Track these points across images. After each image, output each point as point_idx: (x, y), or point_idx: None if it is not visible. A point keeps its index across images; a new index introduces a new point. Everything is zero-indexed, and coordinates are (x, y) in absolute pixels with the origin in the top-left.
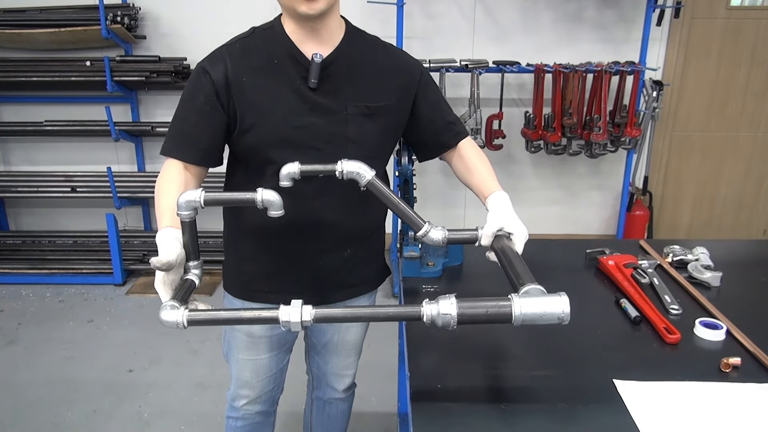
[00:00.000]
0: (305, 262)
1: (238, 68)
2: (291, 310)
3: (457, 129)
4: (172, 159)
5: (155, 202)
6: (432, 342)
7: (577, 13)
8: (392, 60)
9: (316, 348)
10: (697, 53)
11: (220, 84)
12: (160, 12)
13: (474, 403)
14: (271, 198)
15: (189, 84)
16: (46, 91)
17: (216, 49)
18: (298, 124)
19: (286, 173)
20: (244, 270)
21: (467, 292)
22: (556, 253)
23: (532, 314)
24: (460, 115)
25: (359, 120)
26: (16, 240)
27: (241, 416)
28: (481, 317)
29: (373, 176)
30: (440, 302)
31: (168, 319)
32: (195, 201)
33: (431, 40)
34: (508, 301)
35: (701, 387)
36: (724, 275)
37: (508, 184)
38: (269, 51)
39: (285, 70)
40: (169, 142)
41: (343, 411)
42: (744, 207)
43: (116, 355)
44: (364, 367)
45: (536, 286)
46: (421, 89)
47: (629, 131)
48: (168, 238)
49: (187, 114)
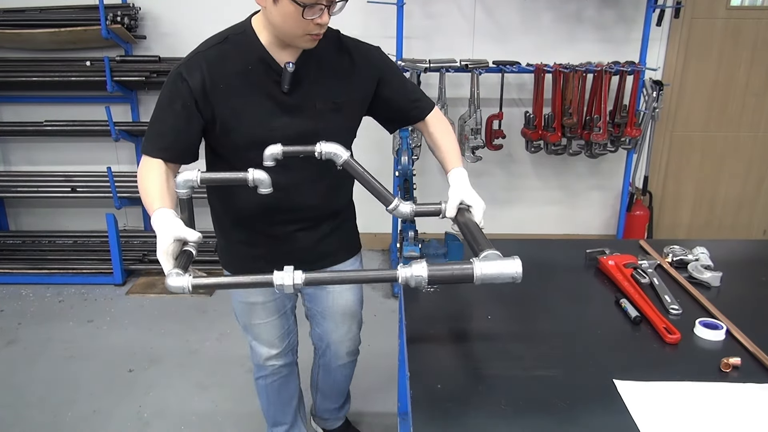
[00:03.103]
0: (289, 240)
1: (214, 75)
2: (284, 274)
3: (422, 105)
4: (148, 157)
5: (141, 193)
6: (432, 342)
7: (577, 13)
8: (352, 54)
9: (316, 319)
10: (697, 53)
11: (197, 91)
12: (160, 12)
13: (474, 403)
14: (261, 177)
15: (166, 88)
16: (46, 91)
17: (192, 55)
18: (273, 125)
19: (269, 154)
20: (236, 251)
21: (467, 292)
22: (556, 253)
23: (490, 274)
24: (460, 116)
25: (327, 115)
26: (16, 240)
27: (270, 373)
28: (448, 278)
29: (349, 156)
30: (413, 266)
31: (175, 284)
32: (192, 180)
33: (431, 40)
34: (470, 264)
35: (701, 387)
36: (724, 275)
37: (509, 184)
38: (243, 58)
39: (259, 75)
40: (148, 143)
41: (347, 375)
42: (744, 207)
43: (116, 355)
44: (364, 367)
45: (493, 251)
46: (383, 77)
47: (629, 131)
48: (167, 217)
49: (165, 116)
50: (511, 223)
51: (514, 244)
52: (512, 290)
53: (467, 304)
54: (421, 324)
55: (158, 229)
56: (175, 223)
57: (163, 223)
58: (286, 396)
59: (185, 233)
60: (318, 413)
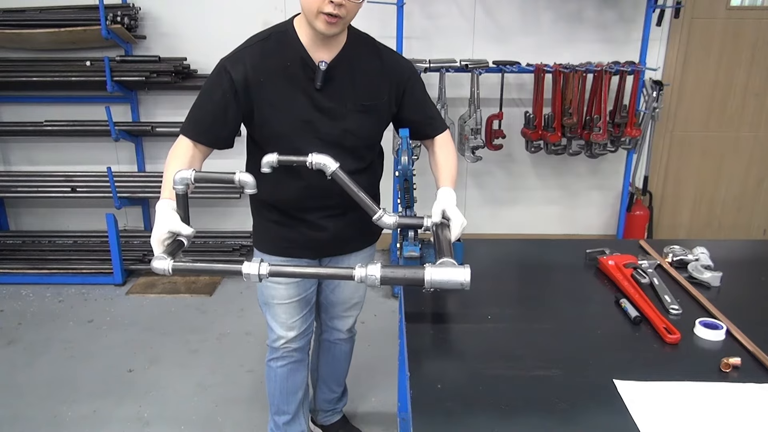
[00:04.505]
0: (317, 225)
1: (256, 70)
2: (251, 265)
3: (436, 124)
4: (184, 138)
5: (164, 171)
6: (432, 342)
7: (577, 13)
8: (386, 62)
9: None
10: (697, 53)
11: (239, 83)
12: (160, 12)
13: (474, 403)
14: (246, 179)
15: (210, 78)
16: (46, 91)
17: (237, 50)
18: (305, 119)
19: (266, 162)
20: (267, 230)
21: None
22: (556, 253)
23: (439, 280)
24: (460, 116)
25: (355, 116)
26: (16, 240)
27: (281, 355)
28: (400, 280)
29: (337, 167)
30: (368, 267)
31: (158, 266)
32: (187, 178)
33: (431, 40)
34: (422, 269)
35: (701, 387)
36: (724, 275)
37: (509, 184)
38: (284, 55)
39: (296, 72)
40: (187, 124)
41: (346, 352)
42: (744, 207)
43: (116, 355)
44: (364, 367)
45: (450, 259)
46: (408, 89)
47: (629, 131)
48: (168, 209)
49: (204, 104)
50: (511, 223)
51: (514, 244)
52: (512, 290)
53: (467, 304)
54: (421, 324)
55: (157, 218)
56: (172, 216)
57: (163, 214)
58: (293, 384)
59: (179, 227)
60: (318, 406)
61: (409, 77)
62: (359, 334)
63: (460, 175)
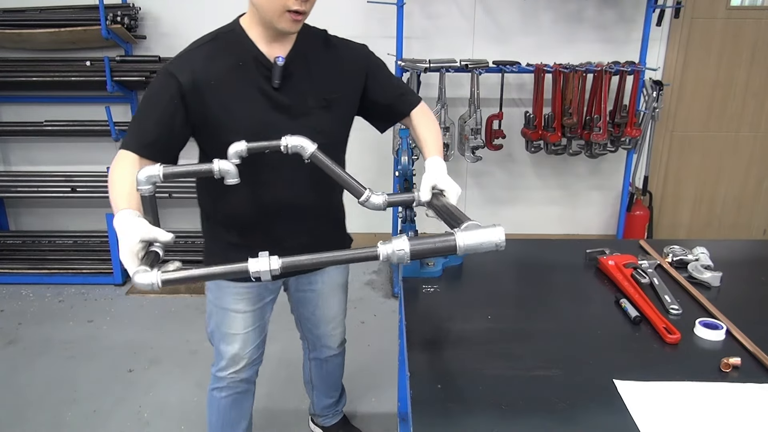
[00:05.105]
0: (284, 239)
1: (206, 72)
2: (260, 261)
3: (408, 99)
4: (128, 152)
5: (110, 190)
6: (432, 342)
7: (577, 13)
8: (340, 52)
9: (304, 316)
10: (697, 53)
11: (187, 87)
12: (160, 12)
13: (474, 403)
14: (227, 167)
15: (153, 85)
16: (46, 91)
17: (182, 54)
18: (265, 120)
19: (233, 151)
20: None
21: (467, 292)
22: (556, 253)
23: (472, 244)
24: (460, 116)
25: (319, 112)
26: (16, 240)
27: (226, 385)
28: (430, 251)
29: (316, 148)
30: (394, 241)
31: (142, 281)
32: (155, 175)
33: (431, 40)
34: (452, 236)
35: (701, 387)
36: (724, 275)
37: (509, 184)
38: (234, 54)
39: (250, 72)
40: (129, 138)
41: (339, 364)
42: (744, 207)
43: (116, 355)
44: (364, 367)
45: (472, 221)
46: (370, 73)
47: (629, 131)
48: (132, 217)
49: (148, 113)
50: (511, 223)
51: (514, 244)
52: (512, 290)
53: (467, 304)
54: (421, 324)
55: (122, 230)
56: (140, 223)
57: (127, 223)
58: (237, 416)
59: (154, 233)
60: (317, 411)
61: (368, 62)
62: (359, 334)
63: (461, 175)
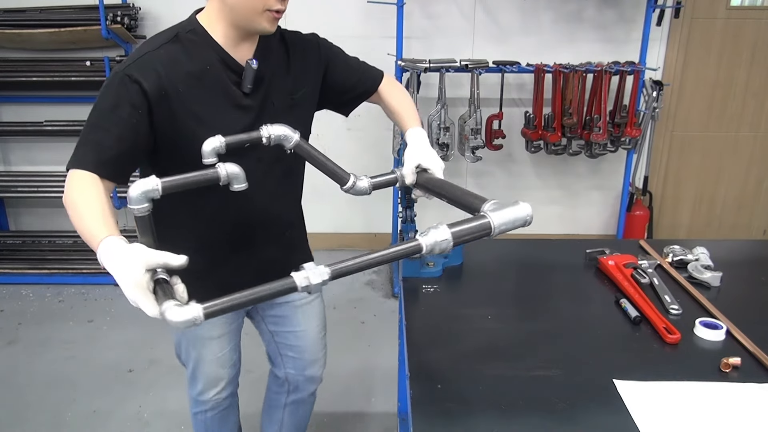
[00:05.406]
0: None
1: (172, 77)
2: (307, 273)
3: (372, 74)
4: (83, 172)
5: (75, 217)
6: (432, 342)
7: (577, 13)
8: (297, 46)
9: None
10: (697, 53)
11: (153, 95)
12: (160, 12)
13: (474, 403)
14: (235, 170)
15: (108, 92)
16: (46, 91)
17: (141, 55)
18: (237, 128)
19: (210, 149)
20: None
21: (467, 292)
22: (556, 253)
23: (504, 223)
24: (460, 116)
25: (286, 111)
26: (16, 240)
27: (211, 407)
28: (469, 237)
29: (299, 137)
30: (433, 232)
31: (181, 318)
32: (153, 190)
33: (431, 40)
34: (486, 218)
35: (701, 387)
36: (724, 275)
37: (509, 184)
38: (200, 57)
39: (217, 76)
40: (83, 155)
41: (312, 404)
42: (744, 207)
43: (116, 355)
44: (364, 367)
45: (492, 201)
46: (329, 62)
47: (629, 131)
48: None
49: (107, 124)
50: None
51: (514, 243)
52: (512, 290)
53: (467, 304)
54: (421, 324)
55: (118, 262)
56: (138, 249)
57: (121, 252)
58: (225, 429)
59: (162, 257)
60: None
61: (323, 51)
62: (359, 334)
63: (461, 175)
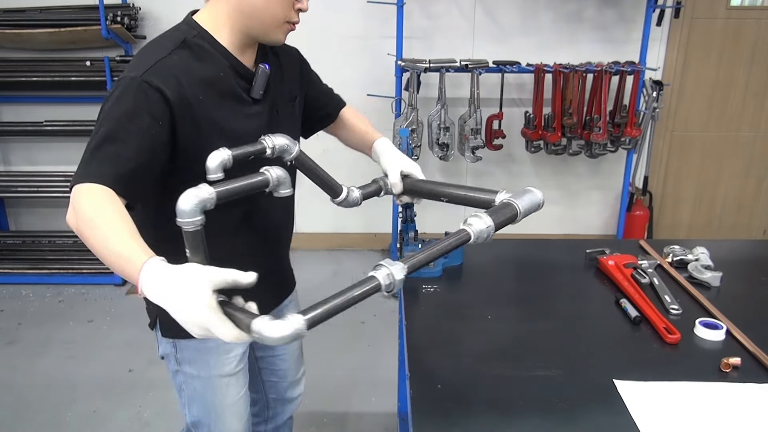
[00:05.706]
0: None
1: (192, 85)
2: (388, 269)
3: (338, 98)
4: (96, 187)
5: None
6: (432, 342)
7: (577, 13)
8: (284, 54)
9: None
10: (697, 53)
11: (176, 104)
12: (160, 12)
13: (474, 403)
14: (281, 173)
15: (125, 99)
16: (46, 91)
17: (156, 62)
18: (253, 138)
19: (217, 164)
20: None
21: (467, 292)
22: (556, 253)
23: (527, 207)
24: (460, 116)
25: (287, 117)
26: (16, 240)
27: None
28: (502, 223)
29: (299, 148)
30: (474, 222)
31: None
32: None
33: (431, 40)
34: (510, 205)
35: (701, 387)
36: (724, 275)
37: (509, 184)
38: (212, 64)
39: (229, 82)
40: (97, 167)
41: (291, 429)
42: (744, 207)
43: (116, 355)
44: (364, 367)
45: (505, 191)
46: (307, 74)
47: (629, 131)
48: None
49: (127, 136)
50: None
51: (514, 243)
52: (512, 290)
53: (467, 304)
54: (421, 324)
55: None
56: (197, 268)
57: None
58: None
59: (230, 275)
60: None
61: (303, 64)
62: (359, 334)
63: (461, 175)
